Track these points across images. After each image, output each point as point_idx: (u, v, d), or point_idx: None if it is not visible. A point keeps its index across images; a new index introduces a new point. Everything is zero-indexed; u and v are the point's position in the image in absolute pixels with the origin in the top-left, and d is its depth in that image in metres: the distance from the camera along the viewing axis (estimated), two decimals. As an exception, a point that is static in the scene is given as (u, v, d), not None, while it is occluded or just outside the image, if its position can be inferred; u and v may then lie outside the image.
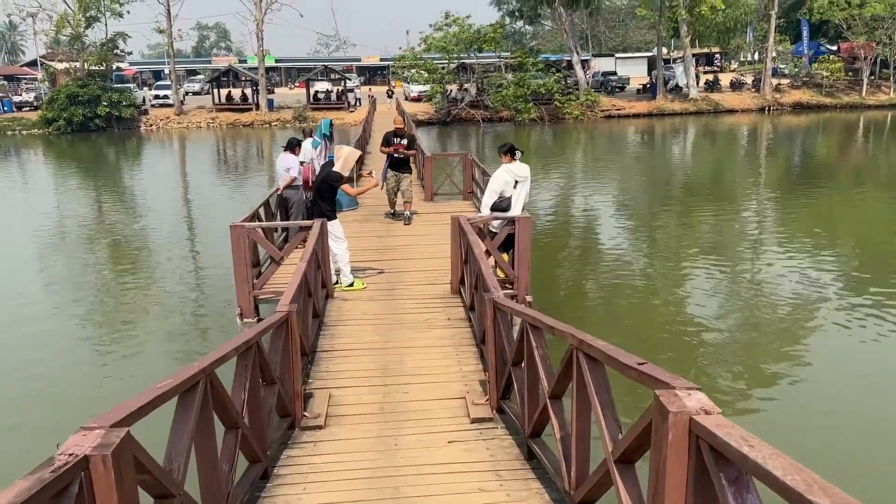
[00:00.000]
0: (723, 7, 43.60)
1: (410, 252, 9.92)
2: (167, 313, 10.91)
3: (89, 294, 12.17)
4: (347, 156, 7.79)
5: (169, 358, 9.17)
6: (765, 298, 11.07)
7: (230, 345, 3.42)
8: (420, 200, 13.63)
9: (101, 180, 26.97)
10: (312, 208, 8.04)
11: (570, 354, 3.18)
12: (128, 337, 10.05)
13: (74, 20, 42.40)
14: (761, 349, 9.15)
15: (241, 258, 7.56)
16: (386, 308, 7.52)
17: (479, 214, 7.94)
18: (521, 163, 8.12)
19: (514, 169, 8.00)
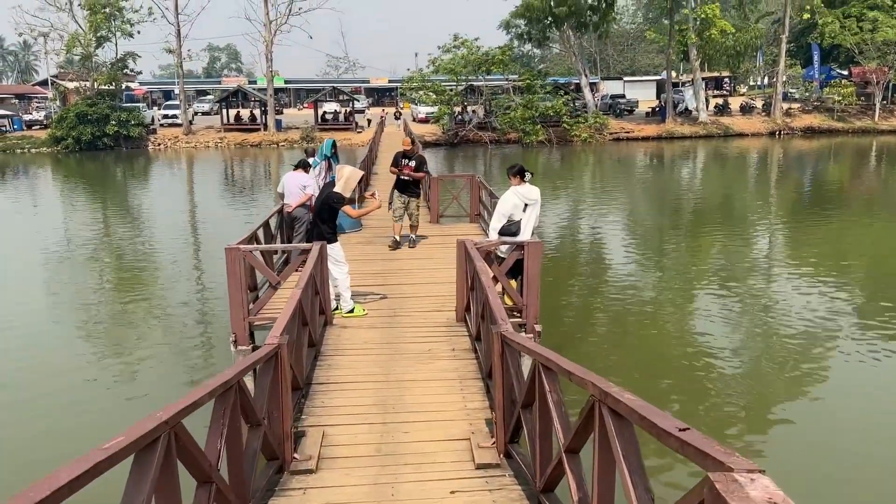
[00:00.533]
0: (733, 31, 43.48)
1: (414, 276, 9.54)
2: (166, 337, 10.53)
3: (86, 315, 11.82)
4: (349, 176, 7.45)
5: (164, 384, 8.77)
6: (776, 327, 10.69)
7: (204, 388, 3.03)
8: (426, 223, 13.27)
9: (107, 199, 26.78)
10: (312, 230, 7.68)
11: (592, 407, 2.77)
12: (122, 361, 9.67)
13: (85, 40, 42.63)
14: (773, 380, 8.79)
15: (237, 282, 7.19)
16: (387, 337, 7.12)
17: (487, 239, 7.56)
18: (530, 185, 7.76)
19: (524, 191, 7.64)
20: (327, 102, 51.57)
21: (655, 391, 8.42)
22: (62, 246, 17.50)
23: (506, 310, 5.57)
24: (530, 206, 7.76)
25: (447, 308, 7.95)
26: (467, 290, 7.22)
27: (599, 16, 45.32)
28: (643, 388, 8.53)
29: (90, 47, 42.90)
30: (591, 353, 9.79)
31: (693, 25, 43.45)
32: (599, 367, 9.21)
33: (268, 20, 45.20)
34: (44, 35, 44.62)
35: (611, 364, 9.44)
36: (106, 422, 7.71)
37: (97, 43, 43.06)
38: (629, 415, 2.33)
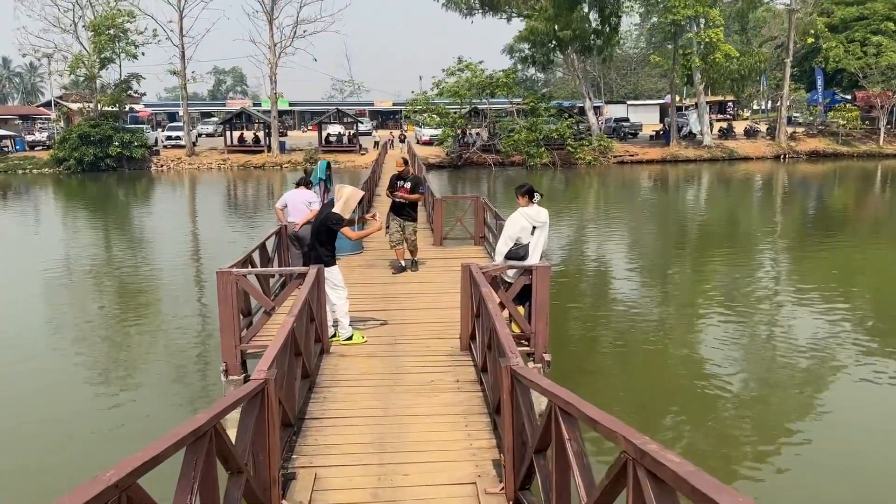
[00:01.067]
0: (737, 55, 43.39)
1: (417, 301, 9.12)
2: (162, 363, 10.12)
3: (79, 340, 11.41)
4: (349, 196, 7.07)
5: (155, 415, 8.34)
6: (783, 352, 10.44)
7: (169, 438, 2.61)
8: (429, 245, 12.89)
9: (108, 221, 26.48)
10: (309, 253, 7.28)
11: (624, 466, 2.36)
12: (113, 390, 9.24)
13: (89, 61, 42.70)
14: (779, 408, 8.58)
15: (228, 308, 6.79)
16: (387, 366, 6.69)
17: (493, 263, 7.16)
18: (539, 207, 7.38)
19: (532, 213, 7.26)
20: (331, 125, 51.54)
21: (662, 417, 8.26)
22: (59, 269, 17.12)
23: (513, 338, 5.16)
24: (538, 229, 7.38)
25: (451, 335, 7.53)
26: (472, 316, 6.81)
27: (603, 40, 45.34)
28: (650, 413, 8.39)
29: (94, 68, 42.94)
30: (597, 379, 9.55)
31: (697, 49, 43.38)
32: (606, 392, 8.95)
33: (272, 43, 45.30)
34: (48, 56, 44.76)
35: (618, 389, 9.22)
36: (86, 459, 7.28)
37: (101, 64, 43.12)
38: (675, 482, 1.92)
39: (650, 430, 7.71)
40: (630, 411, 8.33)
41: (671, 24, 43.13)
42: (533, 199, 7.36)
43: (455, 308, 8.32)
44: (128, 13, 42.87)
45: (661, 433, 7.74)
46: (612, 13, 45.12)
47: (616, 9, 44.73)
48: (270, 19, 44.81)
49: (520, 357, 4.29)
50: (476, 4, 48.05)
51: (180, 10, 43.84)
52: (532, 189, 7.43)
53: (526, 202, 7.36)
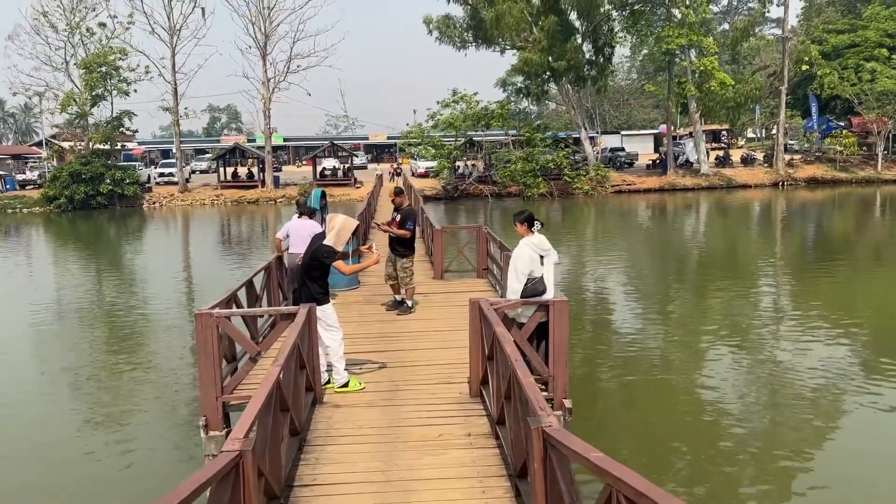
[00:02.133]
0: (732, 83, 43.30)
1: (419, 341, 8.35)
2: (146, 413, 9.29)
3: (61, 387, 10.58)
4: (342, 226, 6.37)
5: (135, 465, 7.50)
6: (787, 384, 10.09)
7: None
8: (429, 279, 12.16)
9: (98, 259, 25.71)
10: (299, 290, 6.54)
11: None
12: (90, 446, 8.41)
13: (80, 98, 42.31)
14: (785, 439, 8.24)
15: (209, 354, 6.03)
16: (388, 418, 5.91)
17: (506, 299, 6.43)
18: (540, 234, 6.71)
19: (537, 242, 6.57)
20: (326, 158, 51.18)
21: (668, 451, 7.94)
22: (46, 312, 16.28)
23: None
24: (546, 257, 6.68)
25: (458, 380, 6.76)
26: (483, 359, 6.06)
27: (598, 70, 45.31)
28: (657, 447, 8.01)
29: (85, 106, 42.54)
30: (600, 412, 9.21)
31: (692, 78, 43.31)
32: (611, 428, 8.57)
33: (266, 78, 45.08)
34: (39, 95, 44.37)
35: (622, 423, 8.87)
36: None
37: (92, 102, 42.72)
38: None
39: (659, 466, 7.46)
40: (636, 447, 8.02)
41: (665, 53, 43.11)
42: (533, 227, 6.68)
43: (462, 348, 7.57)
44: (119, 50, 42.62)
45: (669, 470, 7.46)
46: (605, 44, 45.19)
47: (609, 39, 44.77)
48: (264, 54, 44.66)
49: (553, 416, 3.54)
50: (469, 38, 48.08)
51: (172, 46, 43.67)
52: (532, 216, 6.75)
53: (525, 230, 6.69)
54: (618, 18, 44.92)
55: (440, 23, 47.71)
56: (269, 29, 44.44)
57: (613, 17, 45.12)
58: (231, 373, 6.75)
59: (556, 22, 41.46)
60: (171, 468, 7.53)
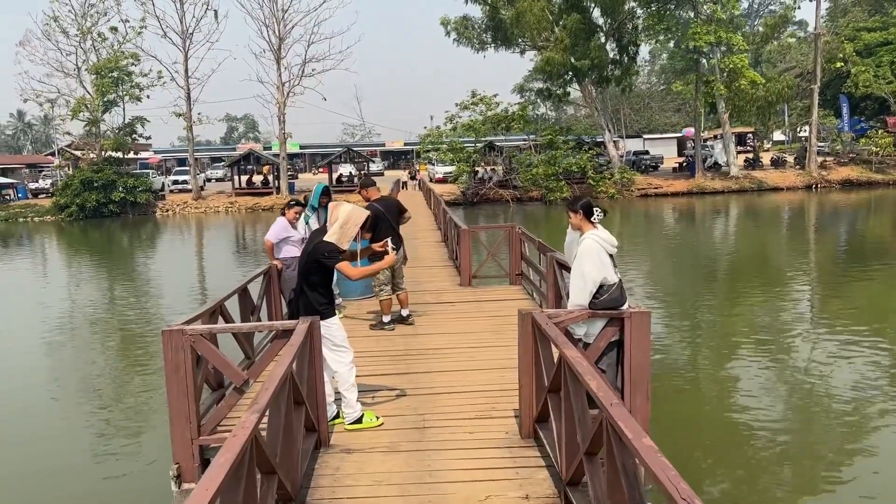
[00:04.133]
0: (763, 81, 41.53)
1: (448, 360, 6.89)
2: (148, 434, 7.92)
3: (62, 402, 9.25)
4: (348, 218, 4.93)
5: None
6: (821, 395, 8.98)
7: None
8: (454, 286, 10.71)
9: (109, 268, 24.55)
10: (296, 301, 5.12)
11: None
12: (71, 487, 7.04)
13: (92, 105, 41.46)
14: (824, 454, 7.37)
15: (180, 382, 4.63)
16: (415, 469, 4.45)
17: (570, 310, 4.95)
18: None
19: (606, 237, 5.03)
20: (342, 165, 50.06)
21: (703, 466, 7.15)
22: (50, 327, 15.04)
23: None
24: (613, 257, 5.18)
25: (502, 412, 5.31)
26: (540, 390, 4.60)
27: (622, 70, 43.73)
28: (688, 459, 6.98)
29: (97, 112, 41.69)
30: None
31: (720, 76, 41.61)
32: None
33: (280, 82, 44.05)
34: (51, 101, 43.61)
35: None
36: None
37: (104, 108, 41.86)
38: None
39: (695, 481, 6.03)
40: (671, 456, 6.33)
41: (692, 51, 41.46)
42: (593, 217, 5.13)
43: (501, 370, 6.14)
44: (131, 55, 41.77)
45: (705, 485, 6.61)
46: (630, 42, 43.61)
47: (634, 38, 43.19)
48: (278, 58, 43.65)
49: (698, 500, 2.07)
50: (488, 39, 46.73)
51: (185, 50, 42.76)
52: (591, 203, 5.19)
53: (583, 221, 5.05)
54: (642, 16, 43.31)
55: (458, 24, 46.44)
56: (283, 32, 43.49)
57: (638, 15, 43.54)
58: (217, 401, 5.35)
59: (579, 20, 39.98)
60: None
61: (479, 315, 8.76)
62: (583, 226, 5.04)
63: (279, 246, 7.77)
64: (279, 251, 7.76)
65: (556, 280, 7.50)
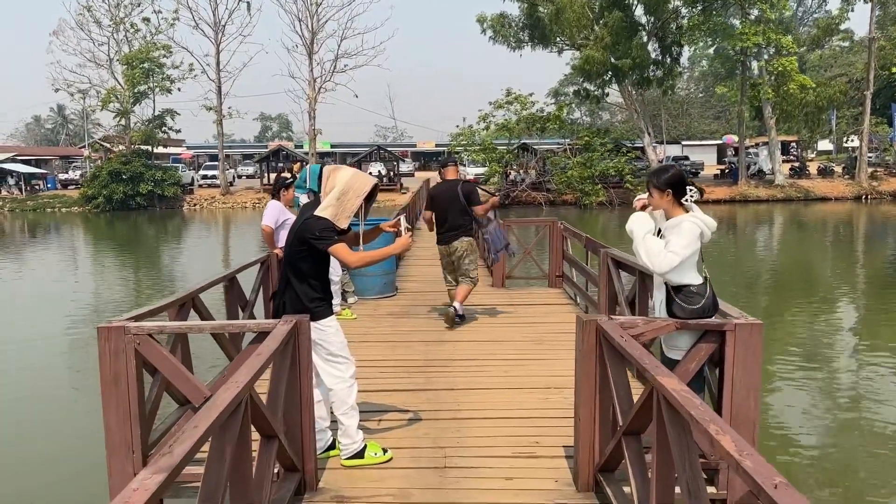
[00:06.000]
0: (813, 85, 39.52)
1: (476, 375, 5.62)
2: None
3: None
4: (347, 186, 3.70)
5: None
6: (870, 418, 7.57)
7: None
8: (486, 287, 9.44)
9: (136, 258, 23.79)
10: (281, 297, 3.90)
11: None
12: None
13: (122, 96, 41.09)
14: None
15: (121, 398, 3.46)
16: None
17: (653, 319, 3.64)
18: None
19: (706, 220, 3.70)
20: (372, 164, 49.18)
21: None
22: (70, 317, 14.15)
23: None
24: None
25: (549, 450, 4.03)
26: (601, 424, 3.32)
27: (664, 71, 42.07)
28: None
29: (127, 103, 41.29)
30: None
31: (768, 80, 39.71)
32: None
33: (311, 77, 43.27)
34: (82, 92, 43.37)
35: None
36: None
37: (134, 99, 41.45)
38: None
39: None
40: None
41: (740, 52, 39.64)
42: (685, 197, 3.79)
43: (544, 389, 4.89)
44: (163, 46, 41.33)
45: None
46: (673, 42, 41.93)
47: (677, 38, 41.49)
48: (310, 53, 42.89)
49: None
50: (525, 37, 45.41)
51: (217, 43, 42.18)
52: (683, 177, 3.78)
53: (671, 202, 3.65)
54: (687, 15, 41.59)
55: (495, 21, 45.21)
56: (316, 26, 42.70)
57: (683, 14, 41.83)
58: (180, 414, 4.16)
59: (621, 18, 38.45)
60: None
61: (514, 321, 7.49)
62: (671, 210, 3.68)
63: (278, 232, 6.57)
64: (279, 238, 6.56)
65: (609, 281, 6.20)
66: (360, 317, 7.72)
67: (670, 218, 3.60)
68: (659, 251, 3.45)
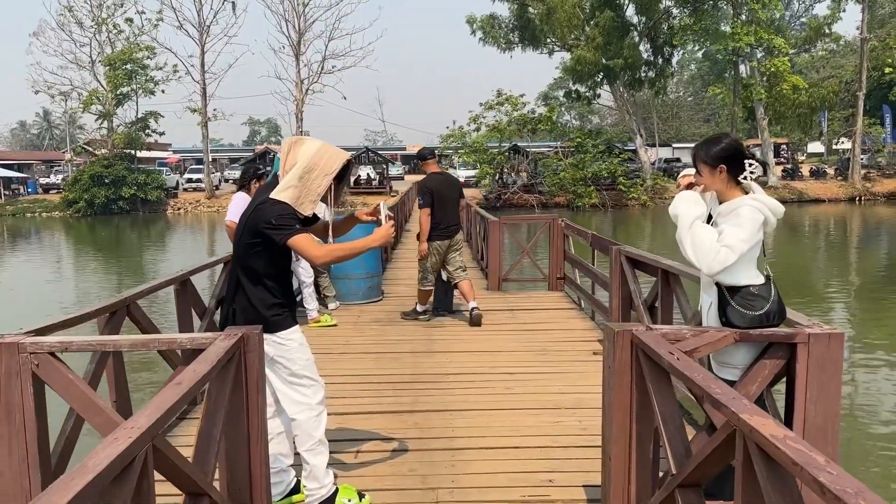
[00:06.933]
0: (806, 86, 39.11)
1: (473, 392, 4.83)
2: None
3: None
4: (312, 163, 2.91)
5: None
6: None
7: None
8: (481, 290, 8.67)
9: (117, 267, 22.84)
10: (229, 304, 3.09)
11: None
12: None
13: (105, 98, 40.08)
14: None
15: (16, 436, 2.65)
16: None
17: (706, 329, 2.86)
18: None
19: (773, 207, 2.90)
20: (362, 166, 48.35)
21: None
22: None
23: None
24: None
25: (565, 490, 3.25)
26: (639, 467, 2.55)
27: (656, 71, 41.55)
28: None
29: (109, 105, 40.28)
30: None
31: (760, 80, 39.27)
32: None
33: (298, 78, 42.42)
34: (64, 94, 42.34)
35: None
36: None
37: (117, 101, 40.43)
38: None
39: None
40: None
41: (732, 52, 39.16)
42: (742, 173, 2.95)
43: (553, 410, 4.14)
44: (146, 47, 40.35)
45: None
46: (665, 43, 41.42)
47: (669, 38, 40.97)
48: (297, 54, 42.03)
49: None
50: (515, 38, 44.78)
51: (202, 44, 41.25)
52: (741, 150, 2.90)
53: (723, 181, 2.82)
54: (679, 16, 41.10)
55: (484, 22, 44.57)
56: (303, 27, 41.88)
57: (674, 15, 41.33)
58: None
59: (612, 17, 37.88)
60: None
61: (513, 329, 6.71)
62: (725, 191, 2.84)
63: None
64: None
65: (623, 283, 5.45)
66: (342, 324, 6.93)
67: (724, 201, 2.83)
68: (710, 245, 2.68)
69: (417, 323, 6.96)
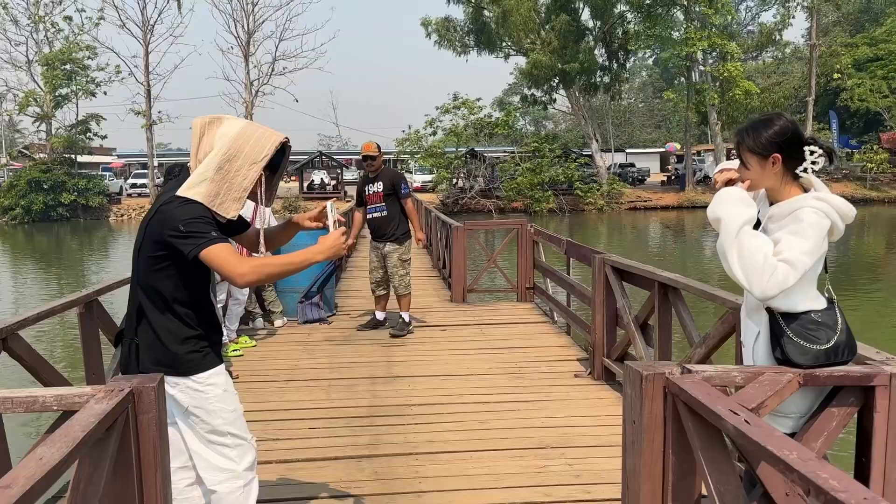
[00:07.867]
0: (758, 91, 39.65)
1: (442, 427, 4.14)
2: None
3: None
4: (236, 148, 2.20)
5: None
6: None
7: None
8: (444, 302, 7.98)
9: (57, 277, 21.40)
10: (132, 333, 2.32)
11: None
12: None
13: (42, 99, 38.15)
14: None
15: None
16: None
17: (762, 367, 2.24)
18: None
19: (839, 204, 2.21)
20: (315, 171, 47.24)
21: None
22: None
23: None
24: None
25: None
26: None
27: (611, 76, 41.63)
28: None
29: (48, 107, 38.35)
30: None
31: (713, 85, 39.67)
32: None
33: (248, 80, 41.14)
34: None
35: None
36: None
37: (55, 103, 38.52)
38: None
39: None
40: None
41: (685, 58, 39.46)
42: (801, 165, 2.20)
43: (536, 451, 3.45)
44: (87, 47, 38.55)
45: None
46: (619, 47, 41.54)
47: (624, 43, 41.10)
48: (246, 54, 40.74)
49: None
50: (471, 42, 44.37)
51: (146, 44, 39.61)
52: (801, 136, 2.20)
53: (778, 172, 2.17)
54: (633, 21, 41.27)
55: (439, 25, 44.05)
56: (252, 26, 40.64)
57: (629, 20, 41.49)
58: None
59: (568, 21, 37.79)
60: None
61: (483, 347, 6.03)
62: (780, 189, 2.21)
63: None
64: None
65: (608, 297, 4.82)
66: (289, 345, 6.15)
67: (777, 201, 2.21)
68: (765, 260, 2.02)
69: (374, 342, 6.23)
